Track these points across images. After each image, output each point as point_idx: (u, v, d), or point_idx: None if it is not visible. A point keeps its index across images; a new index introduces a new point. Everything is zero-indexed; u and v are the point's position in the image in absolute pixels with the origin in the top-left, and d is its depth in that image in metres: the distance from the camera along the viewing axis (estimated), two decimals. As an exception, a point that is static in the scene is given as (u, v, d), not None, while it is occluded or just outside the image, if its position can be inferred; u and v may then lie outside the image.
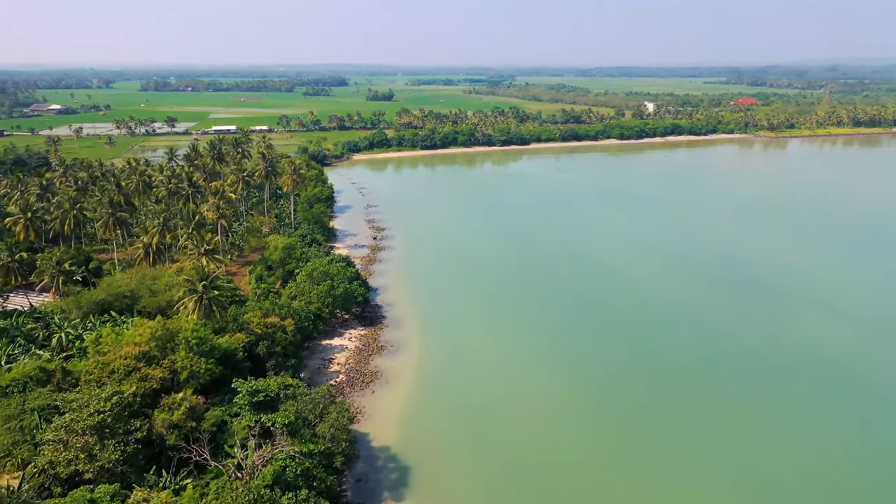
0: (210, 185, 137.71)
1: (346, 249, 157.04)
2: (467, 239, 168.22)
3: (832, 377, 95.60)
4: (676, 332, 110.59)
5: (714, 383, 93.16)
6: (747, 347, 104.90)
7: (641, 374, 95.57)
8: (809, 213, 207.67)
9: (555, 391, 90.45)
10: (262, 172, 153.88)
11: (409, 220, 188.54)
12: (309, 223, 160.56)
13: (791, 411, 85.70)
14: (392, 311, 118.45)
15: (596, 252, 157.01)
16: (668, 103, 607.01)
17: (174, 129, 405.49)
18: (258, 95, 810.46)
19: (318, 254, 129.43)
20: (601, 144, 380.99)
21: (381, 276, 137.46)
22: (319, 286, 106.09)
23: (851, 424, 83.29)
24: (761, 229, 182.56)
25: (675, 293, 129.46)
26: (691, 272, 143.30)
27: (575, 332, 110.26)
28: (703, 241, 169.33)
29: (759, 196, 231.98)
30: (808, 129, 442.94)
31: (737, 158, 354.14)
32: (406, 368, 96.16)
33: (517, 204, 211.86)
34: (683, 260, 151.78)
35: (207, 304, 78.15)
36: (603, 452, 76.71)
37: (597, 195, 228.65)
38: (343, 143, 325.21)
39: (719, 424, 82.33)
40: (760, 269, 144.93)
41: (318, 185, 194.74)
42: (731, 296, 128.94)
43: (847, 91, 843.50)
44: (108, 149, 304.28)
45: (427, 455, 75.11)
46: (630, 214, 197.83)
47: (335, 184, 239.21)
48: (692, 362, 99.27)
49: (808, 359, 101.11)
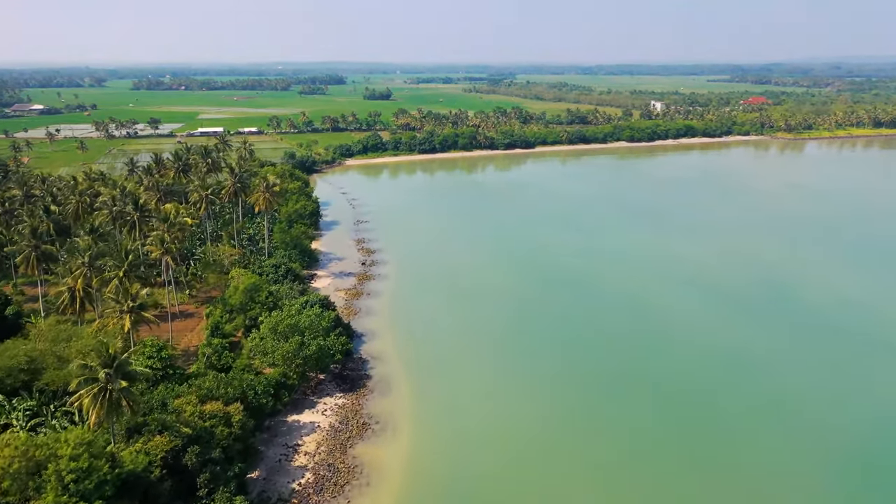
0: (163, 207, 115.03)
1: (330, 278, 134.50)
2: (470, 264, 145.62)
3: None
4: (728, 390, 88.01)
5: (778, 462, 70.75)
6: (821, 414, 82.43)
7: (697, 464, 73.09)
8: (859, 229, 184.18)
9: (591, 489, 68.01)
10: (229, 190, 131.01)
11: (404, 239, 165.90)
12: (287, 248, 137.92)
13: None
14: (379, 368, 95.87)
15: (620, 281, 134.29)
16: (675, 102, 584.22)
17: (157, 131, 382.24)
18: (252, 95, 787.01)
19: (292, 292, 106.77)
20: (610, 147, 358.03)
21: (368, 317, 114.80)
22: (286, 344, 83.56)
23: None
24: (808, 250, 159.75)
25: (721, 334, 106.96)
26: (734, 305, 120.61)
27: (608, 400, 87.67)
28: (744, 265, 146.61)
29: (796, 209, 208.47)
30: (827, 129, 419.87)
31: (759, 163, 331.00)
32: (393, 461, 73.53)
33: (525, 219, 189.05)
34: (724, 290, 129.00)
35: (114, 399, 55.65)
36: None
37: (613, 207, 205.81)
38: (335, 147, 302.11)
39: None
40: (817, 302, 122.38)
41: (300, 199, 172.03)
42: (788, 338, 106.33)
43: (855, 89, 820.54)
44: (81, 154, 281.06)
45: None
46: (654, 231, 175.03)
47: (323, 194, 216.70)
48: (750, 435, 76.79)
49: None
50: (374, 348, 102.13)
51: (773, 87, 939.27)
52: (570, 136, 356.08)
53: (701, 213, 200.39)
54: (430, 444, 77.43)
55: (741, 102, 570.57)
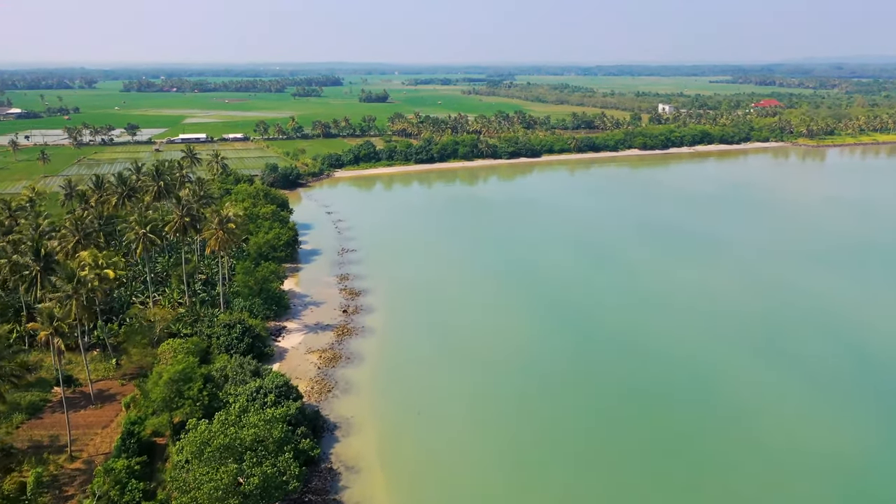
0: (77, 256, 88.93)
1: (302, 334, 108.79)
2: (477, 315, 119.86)
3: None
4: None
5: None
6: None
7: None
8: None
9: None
10: (176, 225, 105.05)
11: (396, 274, 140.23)
12: (250, 295, 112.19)
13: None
14: (356, 487, 70.19)
15: (663, 337, 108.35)
16: (683, 105, 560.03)
17: (135, 137, 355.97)
18: (245, 96, 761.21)
19: (242, 372, 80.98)
20: (622, 156, 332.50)
21: (346, 397, 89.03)
22: (217, 474, 57.99)
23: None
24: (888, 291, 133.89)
25: (812, 424, 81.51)
26: (818, 380, 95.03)
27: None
28: (816, 315, 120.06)
29: (856, 234, 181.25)
30: (851, 135, 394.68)
31: (789, 173, 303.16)
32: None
33: (538, 249, 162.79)
34: (800, 355, 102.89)
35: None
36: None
37: (636, 230, 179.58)
38: (323, 156, 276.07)
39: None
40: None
41: (274, 226, 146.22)
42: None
43: (863, 90, 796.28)
44: (42, 165, 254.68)
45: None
46: (691, 264, 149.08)
47: (306, 214, 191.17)
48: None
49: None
50: (351, 450, 76.38)
51: (779, 89, 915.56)
52: (579, 144, 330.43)
53: (740, 235, 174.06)
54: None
55: (752, 105, 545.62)
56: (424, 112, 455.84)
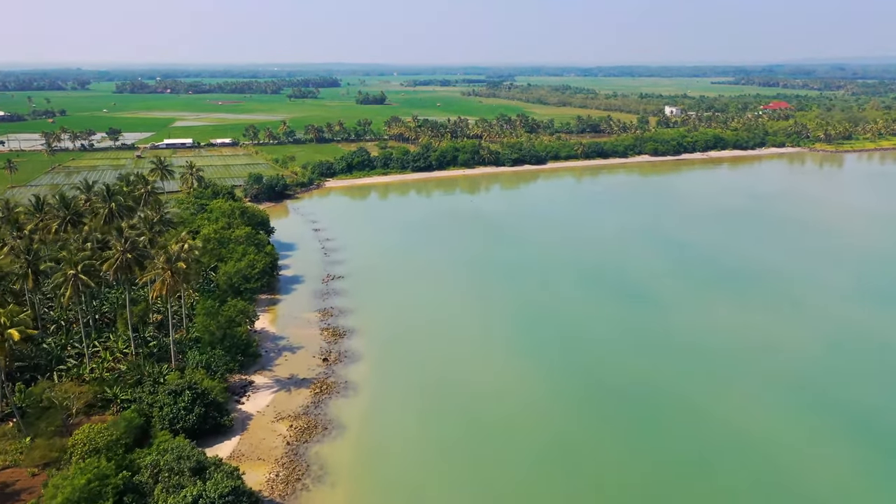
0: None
1: (272, 392, 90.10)
2: (482, 359, 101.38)
3: None
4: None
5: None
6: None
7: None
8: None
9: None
10: (115, 262, 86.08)
11: (387, 310, 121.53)
12: (210, 343, 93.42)
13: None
14: None
15: (712, 404, 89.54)
16: (688, 107, 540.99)
17: (118, 143, 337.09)
18: (240, 98, 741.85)
19: (179, 469, 62.20)
20: (631, 162, 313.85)
21: (318, 488, 70.25)
22: None
23: None
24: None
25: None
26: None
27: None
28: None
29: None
30: (870, 140, 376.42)
31: (821, 183, 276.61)
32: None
33: (550, 278, 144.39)
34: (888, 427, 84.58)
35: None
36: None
37: (662, 255, 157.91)
38: (314, 164, 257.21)
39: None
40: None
41: (249, 251, 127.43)
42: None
43: (868, 92, 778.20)
44: (9, 175, 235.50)
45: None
46: (730, 300, 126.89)
47: (290, 232, 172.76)
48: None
49: None
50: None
51: (784, 90, 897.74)
52: (586, 150, 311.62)
53: (785, 264, 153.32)
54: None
55: (761, 108, 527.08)
56: (423, 115, 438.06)
